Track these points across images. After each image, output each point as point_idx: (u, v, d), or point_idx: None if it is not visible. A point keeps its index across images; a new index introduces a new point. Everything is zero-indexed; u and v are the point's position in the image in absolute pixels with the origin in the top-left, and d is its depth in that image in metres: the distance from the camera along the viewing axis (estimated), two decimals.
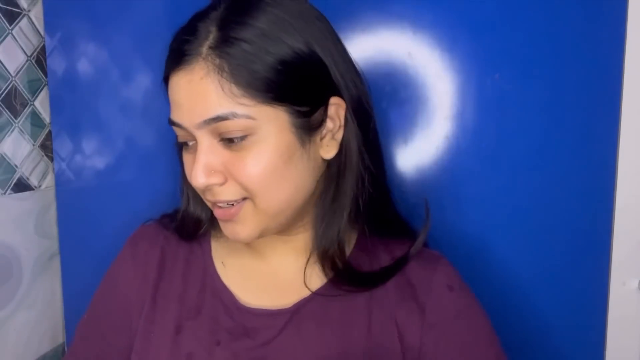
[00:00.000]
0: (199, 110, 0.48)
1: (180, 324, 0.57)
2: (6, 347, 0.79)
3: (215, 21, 0.49)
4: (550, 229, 0.74)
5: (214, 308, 0.57)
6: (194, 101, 0.49)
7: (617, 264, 0.74)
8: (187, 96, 0.49)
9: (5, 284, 0.79)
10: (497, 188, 0.75)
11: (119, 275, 0.63)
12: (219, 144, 0.50)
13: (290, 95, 0.50)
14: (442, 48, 0.74)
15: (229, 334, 0.55)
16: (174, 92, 0.51)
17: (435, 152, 0.76)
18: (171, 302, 0.58)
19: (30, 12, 0.83)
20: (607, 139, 0.72)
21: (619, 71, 0.71)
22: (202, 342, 0.55)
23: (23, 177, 0.83)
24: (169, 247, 0.62)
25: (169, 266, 0.61)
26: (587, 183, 0.73)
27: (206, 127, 0.49)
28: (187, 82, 0.49)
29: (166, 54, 0.53)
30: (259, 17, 0.49)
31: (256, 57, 0.48)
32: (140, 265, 0.61)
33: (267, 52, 0.48)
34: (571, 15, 0.71)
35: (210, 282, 0.59)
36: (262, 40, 0.48)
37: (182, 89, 0.49)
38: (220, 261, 0.61)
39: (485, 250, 0.75)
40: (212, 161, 0.50)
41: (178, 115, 0.51)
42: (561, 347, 0.76)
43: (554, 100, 0.73)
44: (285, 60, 0.49)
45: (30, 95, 0.84)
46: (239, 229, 0.53)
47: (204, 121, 0.48)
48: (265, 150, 0.49)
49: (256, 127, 0.49)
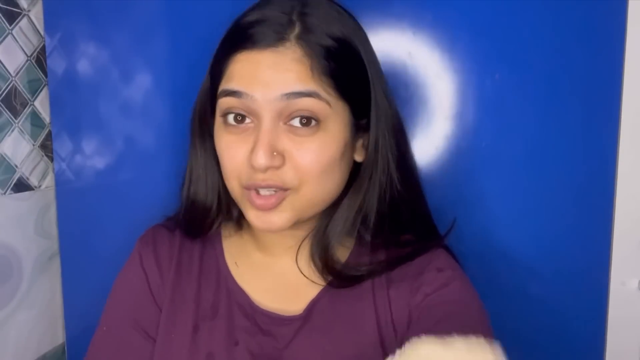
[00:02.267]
0: (283, 84, 0.50)
1: (197, 324, 0.58)
2: (6, 347, 0.79)
3: (296, 11, 0.52)
4: (550, 228, 0.74)
5: (230, 309, 0.58)
6: (280, 77, 0.50)
7: (617, 264, 0.74)
8: (272, 73, 0.50)
9: (5, 284, 0.79)
10: (497, 188, 0.75)
11: (139, 276, 0.62)
12: (283, 127, 0.51)
13: (354, 94, 0.53)
14: (442, 48, 0.74)
15: (246, 333, 0.57)
16: (250, 67, 0.51)
17: (435, 152, 0.76)
18: (188, 303, 0.59)
19: (30, 12, 0.83)
20: (607, 139, 0.72)
21: (619, 71, 0.71)
22: (220, 343, 0.56)
23: (23, 177, 0.83)
24: (184, 248, 0.63)
25: (185, 267, 0.62)
26: (587, 183, 0.73)
27: (281, 103, 0.50)
28: (276, 61, 0.50)
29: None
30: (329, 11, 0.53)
31: (334, 50, 0.51)
32: (164, 264, 0.62)
33: (348, 52, 0.53)
34: (571, 15, 0.71)
35: (224, 283, 0.60)
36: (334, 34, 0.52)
37: (266, 66, 0.50)
38: (234, 262, 0.61)
39: (485, 250, 0.75)
40: (276, 142, 0.50)
41: (250, 87, 0.50)
42: (561, 346, 0.76)
43: (553, 100, 0.73)
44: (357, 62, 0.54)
45: (30, 95, 0.84)
46: (275, 219, 0.52)
47: (284, 94, 0.49)
48: (330, 143, 0.52)
49: (328, 117, 0.51)
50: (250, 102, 0.50)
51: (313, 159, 0.51)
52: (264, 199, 0.52)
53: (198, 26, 0.79)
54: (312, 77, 0.50)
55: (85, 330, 0.88)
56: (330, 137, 0.52)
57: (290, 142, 0.51)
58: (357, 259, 0.59)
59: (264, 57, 0.50)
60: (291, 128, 0.51)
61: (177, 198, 0.75)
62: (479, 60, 0.74)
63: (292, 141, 0.51)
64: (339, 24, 0.53)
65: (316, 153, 0.51)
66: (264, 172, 0.50)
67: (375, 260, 0.59)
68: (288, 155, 0.51)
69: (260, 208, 0.52)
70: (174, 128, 0.82)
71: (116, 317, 0.62)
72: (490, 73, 0.73)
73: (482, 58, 0.73)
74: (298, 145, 0.51)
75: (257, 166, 0.49)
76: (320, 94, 0.50)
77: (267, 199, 0.51)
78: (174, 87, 0.81)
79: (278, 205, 0.52)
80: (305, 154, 0.51)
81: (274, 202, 0.52)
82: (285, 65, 0.50)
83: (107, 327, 0.62)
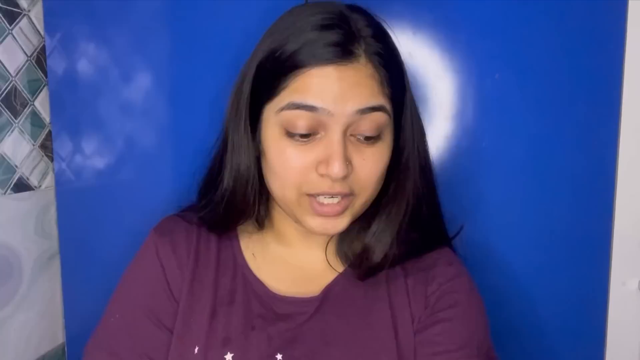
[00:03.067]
0: (359, 99, 0.52)
1: (214, 309, 0.59)
2: (6, 347, 0.79)
3: (368, 30, 0.55)
4: (550, 229, 0.74)
5: (246, 296, 0.60)
6: (355, 92, 0.52)
7: (617, 264, 0.74)
8: (347, 87, 0.52)
9: (5, 284, 0.79)
10: (496, 188, 0.75)
11: (155, 266, 0.62)
12: (351, 137, 0.54)
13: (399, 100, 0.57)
14: (442, 48, 0.74)
15: (262, 319, 0.59)
16: (325, 82, 0.52)
17: (435, 152, 0.76)
18: (206, 289, 0.61)
19: (30, 12, 0.83)
20: (607, 139, 0.73)
21: (619, 71, 0.71)
22: (237, 328, 0.58)
23: (23, 177, 0.83)
24: (202, 238, 0.64)
25: (203, 255, 0.63)
26: (587, 183, 0.73)
27: (354, 117, 0.52)
28: (350, 75, 0.52)
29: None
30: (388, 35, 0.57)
31: (393, 69, 0.55)
32: (182, 253, 0.63)
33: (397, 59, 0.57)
34: (571, 15, 0.71)
35: (241, 272, 0.62)
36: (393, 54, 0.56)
37: (341, 80, 0.52)
38: (251, 253, 0.64)
39: (485, 250, 0.75)
40: (346, 153, 0.53)
41: (324, 101, 0.52)
42: (561, 347, 0.76)
43: (554, 100, 0.73)
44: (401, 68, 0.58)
45: (30, 95, 0.84)
46: (337, 223, 0.56)
47: (359, 109, 0.52)
48: (386, 151, 0.56)
49: (387, 129, 0.56)
50: (325, 117, 0.52)
51: (374, 168, 0.55)
52: (330, 206, 0.54)
53: (198, 26, 0.79)
54: (381, 91, 0.53)
55: (85, 330, 0.88)
56: (386, 145, 0.56)
57: (356, 153, 0.54)
58: None
59: (341, 73, 0.52)
60: (356, 139, 0.54)
61: (177, 197, 0.75)
62: (479, 60, 0.74)
63: (357, 152, 0.54)
64: (386, 34, 0.57)
65: (376, 162, 0.55)
66: (339, 181, 0.53)
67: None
68: (355, 166, 0.54)
69: (326, 214, 0.55)
70: (174, 128, 0.82)
71: (129, 306, 0.62)
72: (490, 73, 0.73)
73: (482, 58, 0.73)
74: (362, 155, 0.54)
75: (334, 176, 0.52)
76: (386, 106, 0.54)
77: (334, 207, 0.54)
78: (174, 87, 0.81)
79: (344, 211, 0.55)
80: (368, 164, 0.54)
81: (339, 210, 0.55)
82: (360, 80, 0.52)
83: (120, 315, 0.62)
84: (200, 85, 0.80)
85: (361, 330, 0.58)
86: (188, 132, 0.81)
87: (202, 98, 0.80)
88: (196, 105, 0.80)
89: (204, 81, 0.79)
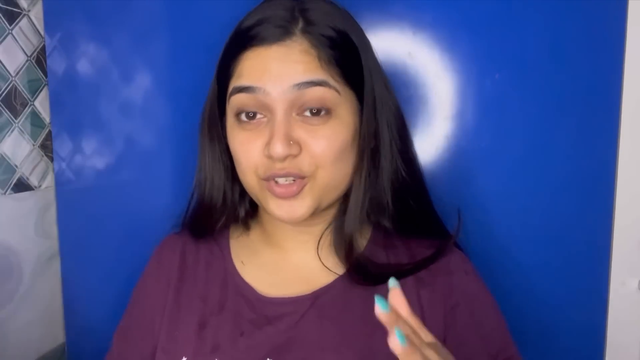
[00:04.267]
0: (293, 75, 0.52)
1: (204, 320, 0.59)
2: (6, 347, 0.79)
3: (297, 8, 0.54)
4: (550, 229, 0.74)
5: (237, 303, 0.59)
6: (289, 68, 0.52)
7: (617, 264, 0.74)
8: (280, 65, 0.52)
9: (5, 284, 0.79)
10: (496, 188, 0.75)
11: (145, 286, 0.66)
12: (296, 117, 0.53)
13: (359, 82, 0.56)
14: (442, 48, 0.74)
15: (252, 324, 0.57)
16: (259, 63, 0.53)
17: (435, 152, 0.76)
18: (194, 302, 0.61)
19: (30, 12, 0.83)
20: (607, 139, 0.72)
21: (619, 71, 0.71)
22: (226, 334, 0.58)
23: (23, 177, 0.83)
24: (189, 251, 0.65)
25: (191, 268, 0.63)
26: (587, 183, 0.73)
27: (293, 94, 0.52)
28: (283, 54, 0.52)
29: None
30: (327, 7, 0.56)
31: (337, 41, 0.54)
32: (163, 273, 0.64)
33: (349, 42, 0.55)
34: (571, 15, 0.71)
35: (231, 279, 0.61)
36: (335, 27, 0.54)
37: (275, 59, 0.52)
38: (240, 261, 0.63)
39: (485, 250, 0.75)
40: (291, 132, 0.52)
41: (261, 81, 0.52)
42: (561, 347, 0.76)
43: (554, 100, 0.73)
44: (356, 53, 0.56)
45: (30, 95, 0.84)
46: (297, 206, 0.54)
47: (295, 84, 0.51)
48: (340, 128, 0.54)
49: (338, 104, 0.54)
50: (263, 96, 0.52)
51: (327, 146, 0.53)
52: (285, 187, 0.53)
53: (198, 26, 0.79)
54: (320, 66, 0.52)
55: (85, 330, 0.88)
56: (342, 123, 0.54)
57: (304, 131, 0.53)
58: (374, 248, 0.61)
59: (272, 52, 0.52)
60: (304, 118, 0.53)
61: (177, 197, 0.75)
62: (479, 60, 0.73)
63: (306, 130, 0.53)
64: (337, 17, 0.56)
65: (330, 140, 0.53)
66: (282, 161, 0.52)
67: (394, 255, 0.60)
68: (303, 144, 0.53)
69: (281, 196, 0.54)
70: (174, 128, 0.82)
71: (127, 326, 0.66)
72: (490, 73, 0.73)
73: (482, 58, 0.73)
74: (312, 133, 0.53)
75: (275, 155, 0.51)
76: (329, 82, 0.52)
77: (288, 187, 0.53)
78: (174, 87, 0.81)
79: (299, 193, 0.54)
80: (319, 141, 0.53)
81: (295, 190, 0.53)
82: (293, 57, 0.52)
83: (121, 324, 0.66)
84: (200, 85, 0.79)
85: (360, 338, 0.55)
86: (188, 132, 0.81)
87: (202, 98, 0.79)
88: (196, 105, 0.80)
89: (204, 81, 0.79)
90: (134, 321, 0.65)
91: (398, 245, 0.61)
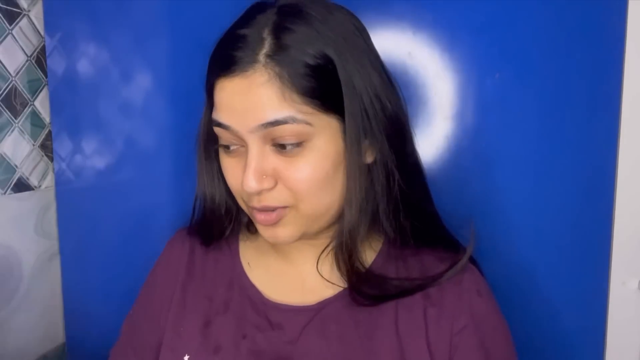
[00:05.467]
0: (257, 115, 0.48)
1: (209, 319, 0.59)
2: (6, 347, 0.79)
3: (268, 27, 0.49)
4: (550, 228, 0.74)
5: (241, 304, 0.59)
6: (252, 105, 0.49)
7: (617, 264, 0.74)
8: (244, 100, 0.49)
9: (5, 284, 0.79)
10: (497, 188, 0.75)
11: (155, 277, 0.66)
12: (271, 148, 0.50)
13: (340, 103, 0.51)
14: (442, 48, 0.74)
15: (255, 327, 0.57)
16: (226, 96, 0.50)
17: (435, 152, 0.76)
18: (200, 300, 0.61)
19: (30, 12, 0.83)
20: (607, 139, 0.72)
21: (619, 71, 0.71)
22: (229, 336, 0.57)
23: (23, 177, 0.83)
24: (198, 249, 0.64)
25: (199, 267, 0.63)
26: (587, 183, 0.73)
27: (261, 132, 0.49)
28: (245, 87, 0.49)
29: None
30: (308, 24, 0.49)
31: (312, 66, 0.49)
32: (172, 268, 0.64)
33: (316, 60, 0.49)
34: (571, 15, 0.71)
35: (237, 280, 0.61)
36: (312, 49, 0.49)
37: (238, 94, 0.49)
38: (247, 262, 0.62)
39: (485, 250, 0.75)
40: (264, 166, 0.50)
41: (229, 119, 0.50)
42: (561, 347, 0.76)
43: (554, 100, 0.73)
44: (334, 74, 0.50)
45: (30, 95, 0.84)
46: (279, 232, 0.53)
47: (261, 125, 0.48)
48: (318, 158, 0.50)
49: (311, 134, 0.50)
50: (234, 133, 0.50)
51: (304, 178, 0.50)
52: (265, 214, 0.52)
53: (198, 27, 0.79)
54: (284, 100, 0.48)
55: (85, 330, 0.88)
56: (319, 153, 0.50)
57: (280, 162, 0.50)
58: (383, 261, 0.58)
59: (235, 85, 0.49)
60: (278, 149, 0.50)
61: (176, 198, 0.75)
62: (479, 60, 0.73)
63: (281, 161, 0.50)
64: (324, 37, 0.50)
65: (306, 172, 0.50)
66: (258, 194, 0.51)
67: (404, 268, 0.58)
68: (279, 177, 0.51)
69: (262, 223, 0.53)
70: (174, 128, 0.82)
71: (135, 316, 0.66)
72: (490, 73, 0.73)
73: (482, 58, 0.73)
74: (287, 165, 0.50)
75: (248, 191, 0.50)
76: (297, 117, 0.48)
77: (268, 215, 0.52)
78: (174, 87, 0.81)
79: (279, 221, 0.52)
80: (295, 173, 0.50)
81: (274, 218, 0.52)
82: (255, 91, 0.48)
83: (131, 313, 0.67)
84: (200, 85, 0.79)
85: (358, 355, 0.54)
86: (188, 132, 0.81)
87: (202, 98, 0.79)
88: (196, 106, 0.80)
89: (204, 81, 0.79)
90: (142, 312, 0.65)
91: (409, 257, 0.59)
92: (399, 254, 0.59)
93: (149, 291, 0.66)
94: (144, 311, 0.65)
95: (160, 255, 0.67)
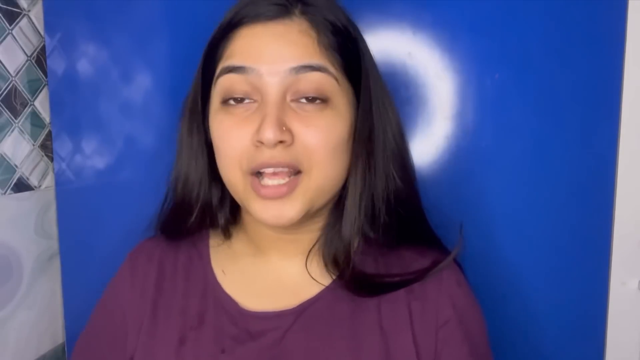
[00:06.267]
0: (292, 56, 0.47)
1: (183, 335, 0.55)
2: (6, 347, 0.79)
3: None
4: (550, 229, 0.74)
5: (217, 317, 0.56)
6: (286, 49, 0.47)
7: (617, 264, 0.74)
8: (278, 43, 0.47)
9: (5, 284, 0.79)
10: (496, 188, 0.75)
11: (117, 291, 0.61)
12: (291, 103, 0.48)
13: (357, 77, 0.51)
14: (442, 48, 0.74)
15: (234, 340, 0.54)
16: (254, 40, 0.48)
17: (435, 152, 0.76)
18: (173, 315, 0.57)
19: (30, 12, 0.83)
20: (607, 139, 0.72)
21: (619, 71, 0.71)
22: (206, 351, 0.54)
23: (23, 177, 0.83)
24: (167, 260, 0.60)
25: (169, 280, 0.59)
26: (587, 183, 0.73)
27: (288, 78, 0.47)
28: (281, 31, 0.48)
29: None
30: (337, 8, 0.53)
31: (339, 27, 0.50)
32: (138, 282, 0.60)
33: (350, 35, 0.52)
34: (571, 15, 0.71)
35: (211, 291, 0.57)
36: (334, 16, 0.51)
37: (271, 36, 0.48)
38: (221, 269, 0.59)
39: (485, 250, 0.75)
40: (284, 117, 0.47)
41: (256, 61, 0.47)
42: (561, 346, 0.76)
43: (553, 100, 0.73)
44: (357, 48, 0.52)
45: (30, 95, 0.84)
46: (286, 209, 0.49)
47: (293, 67, 0.47)
48: (338, 121, 0.49)
49: (336, 94, 0.49)
50: (256, 78, 0.48)
51: (322, 137, 0.48)
52: (274, 188, 0.48)
53: (198, 27, 0.79)
54: (319, 50, 0.48)
55: None
56: (338, 115, 0.49)
57: (298, 119, 0.48)
58: (363, 258, 0.57)
59: (269, 29, 0.48)
60: (299, 105, 0.48)
61: None
62: (479, 60, 0.73)
63: (300, 119, 0.48)
64: (338, 9, 0.53)
65: (325, 131, 0.48)
66: (273, 148, 0.47)
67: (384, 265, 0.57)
68: (296, 134, 0.48)
69: (268, 196, 0.48)
70: (174, 128, 0.81)
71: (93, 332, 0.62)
72: (490, 73, 0.73)
73: (482, 58, 0.73)
74: (306, 122, 0.48)
75: (266, 141, 0.46)
76: (328, 68, 0.48)
77: (278, 189, 0.48)
78: (174, 87, 0.81)
79: (290, 194, 0.49)
80: (314, 132, 0.48)
81: (285, 191, 0.48)
82: (291, 37, 0.47)
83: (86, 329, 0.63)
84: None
85: (347, 355, 0.52)
86: None
87: None
88: None
89: None
90: (101, 335, 0.60)
91: (388, 255, 0.57)
92: (377, 251, 0.57)
93: (108, 311, 0.61)
94: (103, 334, 0.60)
95: (120, 269, 0.62)
